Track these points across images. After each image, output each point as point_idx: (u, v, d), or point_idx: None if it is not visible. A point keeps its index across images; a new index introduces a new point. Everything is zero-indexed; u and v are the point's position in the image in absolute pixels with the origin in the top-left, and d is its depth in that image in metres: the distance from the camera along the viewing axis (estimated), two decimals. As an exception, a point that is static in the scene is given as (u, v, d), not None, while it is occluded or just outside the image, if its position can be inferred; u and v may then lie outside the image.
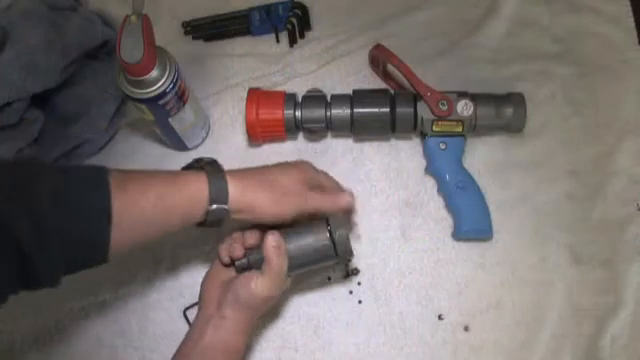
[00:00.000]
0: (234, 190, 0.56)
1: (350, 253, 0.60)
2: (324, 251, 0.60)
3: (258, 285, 0.57)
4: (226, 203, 0.55)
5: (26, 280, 0.47)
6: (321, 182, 0.63)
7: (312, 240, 0.59)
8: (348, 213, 0.66)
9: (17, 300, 0.67)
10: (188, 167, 0.60)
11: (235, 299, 0.58)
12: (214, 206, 0.55)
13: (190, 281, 0.71)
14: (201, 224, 0.57)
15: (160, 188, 0.53)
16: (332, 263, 0.61)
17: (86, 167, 0.52)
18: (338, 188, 0.65)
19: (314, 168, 0.64)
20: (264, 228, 0.61)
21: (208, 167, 0.57)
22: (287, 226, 0.60)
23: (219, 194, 0.55)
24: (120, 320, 0.70)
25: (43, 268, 0.47)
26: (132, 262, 0.72)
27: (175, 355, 0.58)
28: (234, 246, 0.60)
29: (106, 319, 0.70)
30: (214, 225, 0.57)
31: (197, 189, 0.55)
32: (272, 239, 0.58)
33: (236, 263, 0.60)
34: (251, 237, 0.61)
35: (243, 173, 0.58)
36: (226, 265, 0.61)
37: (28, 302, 0.70)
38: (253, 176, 0.59)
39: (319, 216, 0.61)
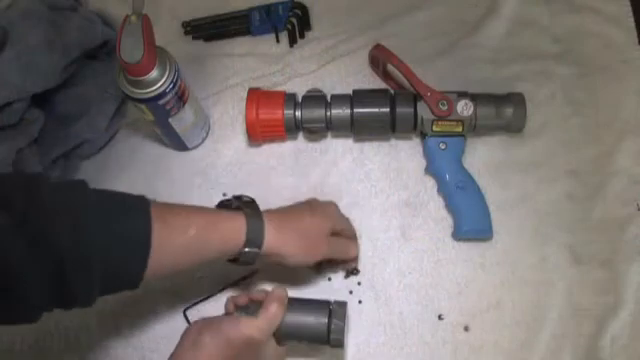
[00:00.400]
0: (269, 236, 0.58)
1: (340, 344, 0.60)
2: (317, 333, 0.60)
3: (246, 321, 0.56)
4: (260, 248, 0.57)
5: (62, 298, 0.47)
6: (342, 227, 0.66)
7: (311, 319, 0.60)
8: (354, 262, 0.70)
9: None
10: (226, 203, 0.61)
11: (217, 329, 0.55)
12: (247, 249, 0.57)
13: (190, 281, 0.71)
14: (231, 260, 0.59)
15: (199, 225, 0.54)
16: (318, 344, 0.61)
17: (130, 195, 0.53)
18: (353, 235, 0.69)
19: (339, 212, 0.67)
20: None
21: (247, 209, 0.58)
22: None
23: (255, 239, 0.57)
24: (120, 320, 0.70)
25: (81, 287, 0.47)
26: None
27: None
28: (241, 295, 0.61)
29: (106, 319, 0.70)
30: (244, 264, 0.59)
31: (235, 230, 0.56)
32: (279, 290, 0.59)
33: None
34: (259, 294, 0.61)
35: (279, 218, 0.60)
36: (227, 313, 0.61)
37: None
38: (288, 223, 0.60)
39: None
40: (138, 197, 0.52)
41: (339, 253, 0.65)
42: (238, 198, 0.61)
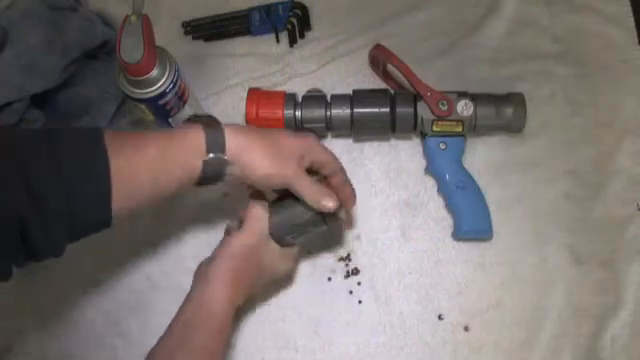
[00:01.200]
0: (231, 139, 0.55)
1: (339, 222, 0.61)
2: (313, 218, 0.60)
3: (234, 234, 0.59)
4: (223, 152, 0.54)
5: (29, 249, 0.47)
6: (322, 163, 0.60)
7: (299, 209, 0.60)
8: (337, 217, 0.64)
9: (17, 299, 0.68)
10: (185, 121, 0.59)
11: (215, 256, 0.58)
12: (211, 155, 0.54)
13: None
14: (200, 181, 0.56)
15: (157, 142, 0.53)
16: (323, 229, 0.61)
17: (81, 130, 0.52)
18: (342, 177, 0.63)
19: (321, 146, 0.61)
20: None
21: (205, 119, 0.57)
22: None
23: (216, 142, 0.54)
24: (120, 320, 0.70)
25: (45, 236, 0.47)
26: (132, 262, 0.72)
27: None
28: (233, 220, 0.62)
29: (106, 319, 0.70)
30: (213, 180, 0.56)
31: (194, 138, 0.54)
32: (257, 193, 0.61)
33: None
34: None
35: (242, 127, 0.57)
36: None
37: (28, 302, 0.71)
38: (253, 131, 0.57)
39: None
40: (90, 129, 0.51)
41: (308, 199, 0.58)
42: (196, 115, 0.59)
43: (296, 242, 0.63)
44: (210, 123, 0.56)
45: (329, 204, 0.58)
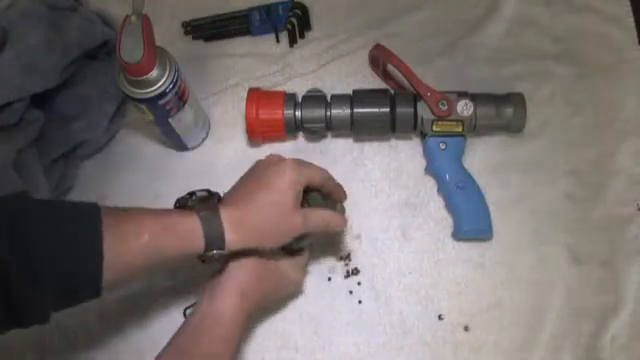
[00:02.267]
0: (231, 236, 0.54)
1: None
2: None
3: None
4: (223, 248, 0.54)
5: (14, 317, 0.46)
6: (313, 179, 0.59)
7: None
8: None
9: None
10: (181, 201, 0.58)
11: (225, 266, 0.58)
12: (213, 252, 0.54)
13: (190, 281, 0.71)
14: (203, 260, 0.56)
15: (152, 230, 0.51)
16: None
17: (79, 203, 0.51)
18: (332, 182, 0.62)
19: (299, 167, 0.58)
20: None
21: (202, 211, 0.54)
22: None
23: (215, 241, 0.54)
24: (120, 320, 0.70)
25: (31, 304, 0.46)
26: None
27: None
28: None
29: (106, 319, 0.70)
30: (215, 263, 0.57)
31: (191, 233, 0.53)
32: None
33: None
34: None
35: (236, 213, 0.55)
36: None
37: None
38: (247, 214, 0.55)
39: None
40: (88, 204, 0.50)
41: (319, 223, 0.59)
42: (192, 194, 0.58)
43: (304, 245, 0.63)
44: (207, 215, 0.54)
45: (339, 227, 0.61)
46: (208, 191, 0.58)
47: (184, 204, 0.57)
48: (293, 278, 0.64)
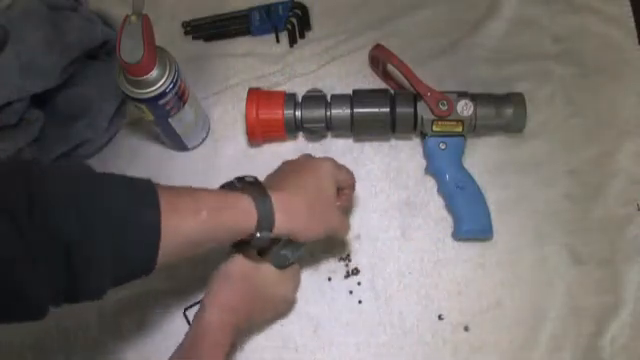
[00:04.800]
0: (279, 217, 0.55)
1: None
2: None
3: (225, 261, 0.59)
4: (272, 230, 0.55)
5: (72, 289, 0.46)
6: (340, 184, 0.63)
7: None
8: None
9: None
10: (229, 185, 0.58)
11: (209, 285, 0.58)
12: (259, 234, 0.55)
13: (190, 281, 0.71)
14: (237, 245, 0.58)
15: (210, 207, 0.52)
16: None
17: (137, 180, 0.51)
18: (352, 190, 0.67)
19: (344, 169, 0.63)
20: None
21: (253, 190, 0.56)
22: None
23: (266, 222, 0.55)
24: (120, 320, 0.70)
25: (91, 279, 0.46)
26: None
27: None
28: None
29: (106, 319, 0.70)
30: (255, 248, 0.58)
31: (246, 212, 0.54)
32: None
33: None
34: None
35: (287, 197, 0.57)
36: None
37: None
38: (296, 200, 0.57)
39: None
40: (146, 182, 0.51)
41: (341, 230, 0.63)
42: (241, 180, 0.58)
43: (296, 257, 0.63)
44: (260, 197, 0.55)
45: (346, 231, 0.63)
46: (255, 178, 0.59)
47: (232, 188, 0.58)
48: (282, 289, 0.63)
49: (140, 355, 0.69)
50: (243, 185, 0.57)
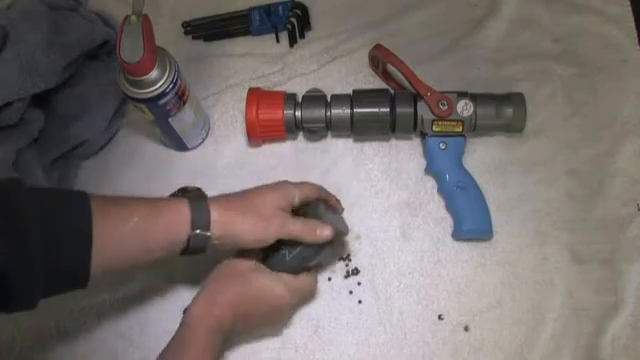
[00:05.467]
0: (216, 216, 0.56)
1: (343, 235, 0.64)
2: (318, 249, 0.61)
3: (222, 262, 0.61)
4: (208, 229, 0.55)
5: (4, 300, 0.46)
6: (303, 198, 0.62)
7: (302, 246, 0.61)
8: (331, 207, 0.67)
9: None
10: (173, 195, 0.60)
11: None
12: (197, 231, 0.55)
13: (190, 281, 0.71)
14: (184, 252, 0.57)
15: (142, 212, 0.53)
16: (328, 249, 0.63)
17: (68, 190, 0.52)
18: (325, 193, 0.65)
19: (293, 188, 0.62)
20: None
21: (190, 194, 0.58)
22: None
23: (201, 220, 0.55)
24: (120, 320, 0.70)
25: (21, 288, 0.46)
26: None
27: None
28: None
29: (106, 319, 0.70)
30: (196, 252, 0.57)
31: (179, 214, 0.55)
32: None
33: None
34: None
35: (225, 200, 0.58)
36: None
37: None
38: (234, 202, 0.59)
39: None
40: (77, 191, 0.51)
41: (306, 238, 0.60)
42: (183, 190, 0.60)
43: (313, 264, 0.63)
44: (196, 197, 0.57)
45: (324, 233, 0.60)
46: (198, 188, 0.60)
47: (174, 196, 0.59)
48: (282, 303, 0.61)
49: (141, 355, 0.69)
50: (183, 194, 0.58)
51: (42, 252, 0.46)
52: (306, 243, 0.60)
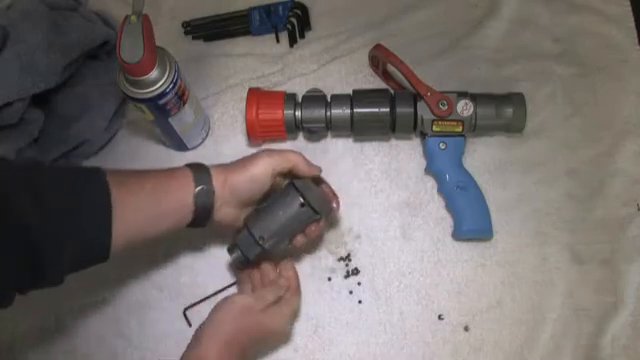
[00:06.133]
0: (215, 172, 0.60)
1: (329, 205, 0.64)
2: (305, 214, 0.62)
3: (231, 296, 0.62)
4: (211, 184, 0.59)
5: (33, 273, 0.48)
6: (290, 167, 0.63)
7: (289, 210, 0.62)
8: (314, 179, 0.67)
9: (18, 299, 0.68)
10: None
11: (210, 317, 0.60)
12: (201, 187, 0.59)
13: (190, 281, 0.71)
14: (194, 215, 0.59)
15: (153, 180, 0.57)
16: (317, 218, 0.63)
17: (86, 167, 0.55)
18: (307, 165, 0.65)
19: (283, 154, 0.63)
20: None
21: (189, 164, 0.62)
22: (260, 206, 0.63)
23: (203, 177, 0.60)
24: (120, 320, 0.70)
25: (51, 259, 0.48)
26: (132, 262, 0.72)
27: None
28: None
29: (106, 319, 0.70)
30: (204, 214, 0.60)
31: (184, 177, 0.59)
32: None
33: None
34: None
35: (221, 164, 0.63)
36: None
37: (28, 301, 0.71)
38: (230, 164, 0.63)
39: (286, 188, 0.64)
40: (93, 167, 0.55)
41: (286, 163, 0.62)
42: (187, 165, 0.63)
43: (270, 245, 0.62)
44: (196, 164, 0.62)
45: (294, 156, 0.62)
46: (200, 163, 0.63)
47: None
48: (278, 328, 0.63)
49: (141, 355, 0.69)
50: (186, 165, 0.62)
51: (67, 224, 0.49)
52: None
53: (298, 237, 0.64)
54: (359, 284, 0.71)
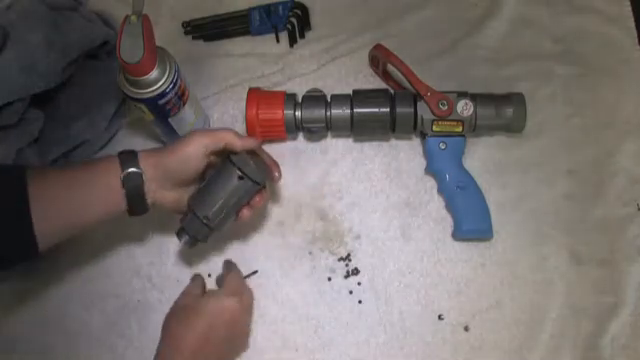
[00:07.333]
0: (144, 155, 0.59)
1: (270, 174, 0.63)
2: (245, 187, 0.61)
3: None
4: (138, 167, 0.58)
5: None
6: (223, 144, 0.61)
7: (229, 185, 0.60)
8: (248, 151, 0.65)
9: (18, 299, 0.68)
10: None
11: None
12: (129, 170, 0.57)
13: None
14: (128, 201, 0.58)
15: (78, 168, 0.57)
16: (259, 189, 0.62)
17: (2, 165, 0.54)
18: (239, 137, 0.63)
19: (215, 133, 0.62)
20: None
21: (120, 151, 0.60)
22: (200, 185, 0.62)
23: (129, 160, 0.58)
24: (120, 320, 0.70)
25: None
26: (132, 262, 0.72)
27: None
28: None
29: (106, 319, 0.70)
30: (138, 199, 0.58)
31: (110, 162, 0.58)
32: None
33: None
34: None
35: (154, 148, 0.61)
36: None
37: (28, 301, 0.71)
38: (160, 148, 0.62)
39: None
40: (12, 165, 0.56)
41: (217, 140, 0.60)
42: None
43: (215, 223, 0.61)
44: (124, 151, 0.59)
45: (253, 142, 0.61)
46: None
47: None
48: (236, 313, 0.62)
49: (140, 355, 0.69)
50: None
51: None
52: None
53: (244, 210, 0.63)
54: (359, 284, 0.71)
